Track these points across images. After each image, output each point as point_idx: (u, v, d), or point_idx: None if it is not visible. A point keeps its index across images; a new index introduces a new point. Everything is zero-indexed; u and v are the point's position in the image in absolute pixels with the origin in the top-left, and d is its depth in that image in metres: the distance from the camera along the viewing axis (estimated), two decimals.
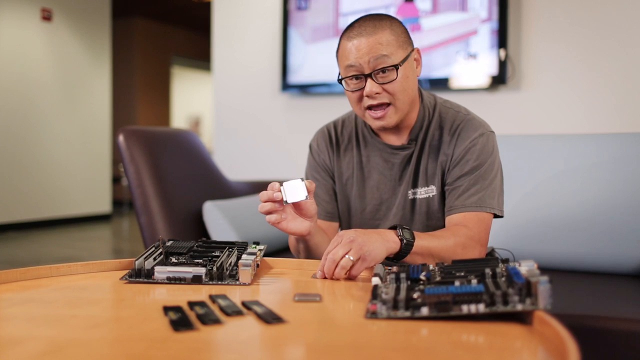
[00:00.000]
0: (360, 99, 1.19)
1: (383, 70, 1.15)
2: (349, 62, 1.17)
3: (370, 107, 1.18)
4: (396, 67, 1.15)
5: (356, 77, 1.17)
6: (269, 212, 1.07)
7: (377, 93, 1.16)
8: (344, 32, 1.20)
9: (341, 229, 1.39)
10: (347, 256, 0.92)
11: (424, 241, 1.06)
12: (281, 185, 1.04)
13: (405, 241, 1.02)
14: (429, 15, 2.94)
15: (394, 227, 1.05)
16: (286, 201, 1.03)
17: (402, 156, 1.27)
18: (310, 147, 1.41)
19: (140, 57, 8.77)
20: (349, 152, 1.35)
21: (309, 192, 1.04)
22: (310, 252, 1.20)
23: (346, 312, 0.76)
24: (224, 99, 3.57)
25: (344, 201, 1.35)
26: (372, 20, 1.18)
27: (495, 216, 1.21)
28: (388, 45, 1.15)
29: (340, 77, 1.21)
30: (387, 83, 1.16)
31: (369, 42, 1.15)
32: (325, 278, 0.94)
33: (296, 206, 1.09)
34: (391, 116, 1.19)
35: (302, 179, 1.04)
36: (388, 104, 1.18)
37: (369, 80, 1.16)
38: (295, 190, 1.03)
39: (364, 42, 1.15)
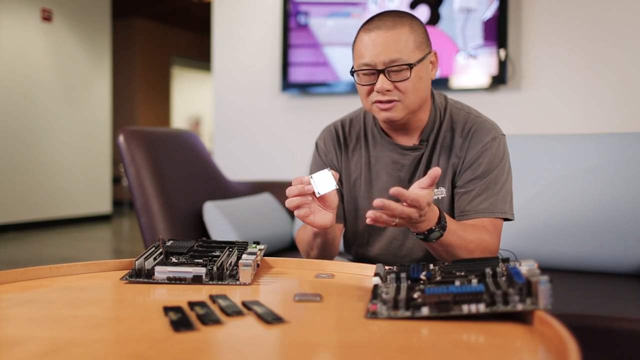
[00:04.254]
0: (370, 92, 1.17)
1: (397, 67, 1.13)
2: (363, 56, 1.15)
3: (378, 101, 1.17)
4: (410, 66, 1.13)
5: (369, 72, 1.16)
6: (297, 207, 1.03)
7: (387, 90, 1.14)
8: (364, 25, 1.18)
9: (346, 230, 1.38)
10: (395, 220, 0.93)
11: (449, 237, 1.06)
12: (310, 177, 1.01)
13: (427, 236, 1.04)
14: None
15: (440, 217, 1.04)
16: (318, 193, 1.00)
17: (413, 157, 1.26)
18: (317, 145, 1.38)
19: (140, 57, 8.77)
20: (357, 151, 1.33)
21: (336, 181, 1.02)
22: (325, 248, 1.18)
23: (346, 312, 0.76)
24: (224, 99, 3.57)
25: (351, 202, 1.33)
26: (393, 16, 1.16)
27: (505, 219, 1.21)
28: (405, 43, 1.13)
29: (352, 69, 1.19)
30: (399, 81, 1.14)
31: (386, 36, 1.13)
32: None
33: (321, 198, 1.05)
34: (398, 110, 1.17)
35: (329, 169, 1.02)
36: (397, 101, 1.16)
37: (381, 76, 1.14)
38: (324, 181, 1.01)
39: (381, 37, 1.13)
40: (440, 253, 1.10)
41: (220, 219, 1.89)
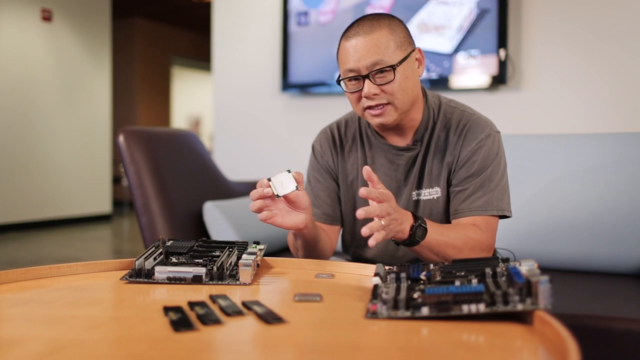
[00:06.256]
0: (359, 99, 1.17)
1: (381, 71, 1.13)
2: (346, 63, 1.15)
3: (369, 107, 1.18)
4: (393, 67, 1.13)
5: (355, 78, 1.16)
6: (260, 210, 1.03)
7: (375, 94, 1.14)
8: (344, 33, 1.19)
9: (344, 231, 1.38)
10: (381, 221, 0.95)
11: (433, 236, 1.06)
12: (269, 180, 1.03)
13: (412, 240, 1.04)
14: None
15: (415, 216, 1.05)
16: (277, 195, 1.01)
17: (407, 157, 1.26)
18: (313, 148, 1.39)
19: (140, 57, 8.77)
20: (353, 152, 1.33)
21: (297, 182, 1.02)
22: (309, 248, 1.18)
23: (346, 312, 0.76)
24: (224, 99, 3.57)
25: (349, 202, 1.33)
26: (370, 20, 1.16)
27: (502, 216, 1.21)
28: (385, 45, 1.13)
29: (339, 78, 1.19)
30: (385, 84, 1.14)
31: (365, 41, 1.13)
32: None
33: (288, 199, 1.06)
34: (390, 113, 1.17)
35: (289, 171, 1.03)
36: (387, 103, 1.16)
37: (366, 81, 1.14)
38: (285, 183, 1.02)
39: (360, 42, 1.13)
40: (431, 257, 1.10)
41: (220, 219, 1.89)
